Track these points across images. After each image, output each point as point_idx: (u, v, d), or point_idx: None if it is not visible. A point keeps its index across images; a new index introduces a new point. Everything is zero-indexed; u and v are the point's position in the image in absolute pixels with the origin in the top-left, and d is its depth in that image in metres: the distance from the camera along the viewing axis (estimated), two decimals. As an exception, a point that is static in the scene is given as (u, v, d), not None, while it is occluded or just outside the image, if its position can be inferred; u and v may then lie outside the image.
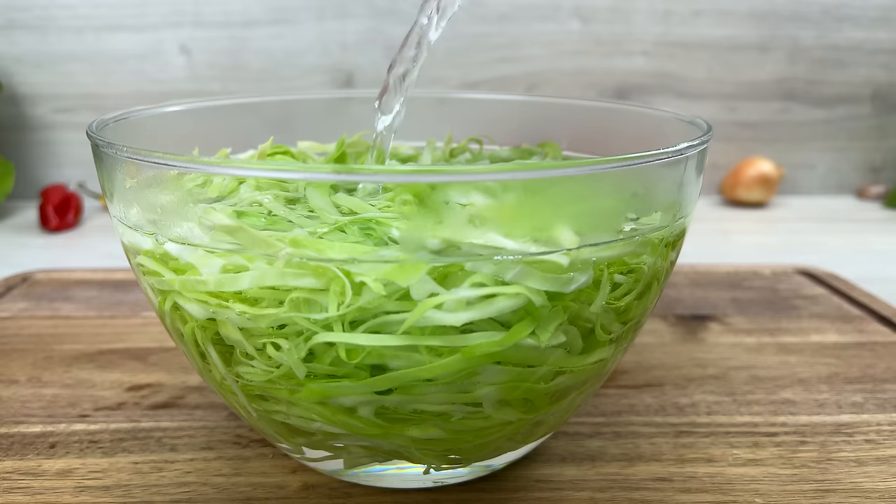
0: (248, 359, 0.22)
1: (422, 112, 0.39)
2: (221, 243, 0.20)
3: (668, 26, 0.81)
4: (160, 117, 0.30)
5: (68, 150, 0.80)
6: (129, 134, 0.29)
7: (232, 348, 0.22)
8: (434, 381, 0.20)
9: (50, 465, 0.29)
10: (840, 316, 0.45)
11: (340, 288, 0.19)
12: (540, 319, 0.20)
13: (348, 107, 0.39)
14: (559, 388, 0.22)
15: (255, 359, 0.22)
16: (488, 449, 0.24)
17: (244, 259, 0.20)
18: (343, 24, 0.79)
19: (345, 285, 0.19)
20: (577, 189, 0.20)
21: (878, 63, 0.83)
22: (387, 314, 0.20)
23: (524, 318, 0.20)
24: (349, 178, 0.19)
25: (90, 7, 0.76)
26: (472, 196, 0.19)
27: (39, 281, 0.49)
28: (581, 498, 0.27)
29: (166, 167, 0.20)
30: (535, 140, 0.36)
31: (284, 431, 0.24)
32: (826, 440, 0.31)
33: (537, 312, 0.20)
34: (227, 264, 0.20)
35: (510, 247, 0.19)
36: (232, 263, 0.20)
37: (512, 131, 0.37)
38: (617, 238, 0.21)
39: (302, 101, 0.38)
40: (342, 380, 0.21)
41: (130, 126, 0.29)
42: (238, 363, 0.22)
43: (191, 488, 0.27)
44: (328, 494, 0.27)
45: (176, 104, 0.31)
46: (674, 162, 0.22)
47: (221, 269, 0.20)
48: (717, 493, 0.27)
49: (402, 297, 0.20)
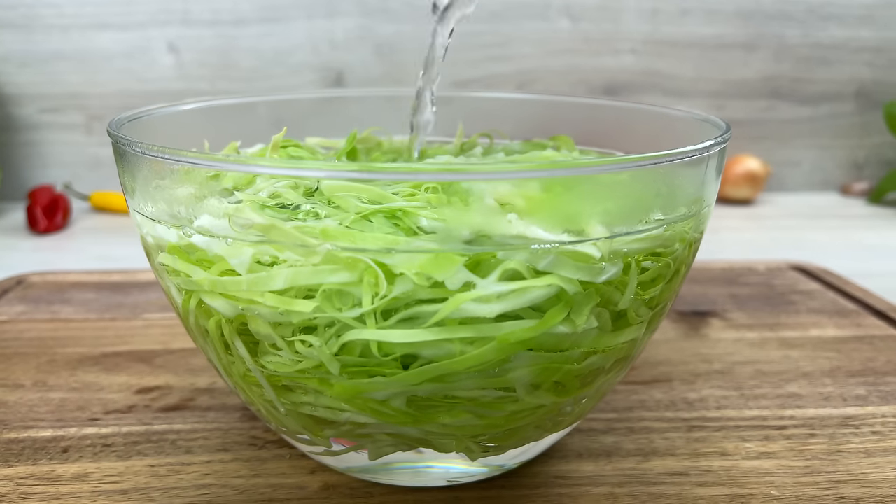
0: (276, 350, 0.22)
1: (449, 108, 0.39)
2: (250, 235, 0.20)
3: (656, 25, 0.81)
4: (173, 115, 0.30)
5: (54, 150, 0.79)
6: (137, 131, 0.29)
7: (258, 340, 0.22)
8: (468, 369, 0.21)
9: (64, 470, 0.28)
10: (837, 311, 0.45)
11: (374, 279, 0.19)
12: (573, 305, 0.20)
13: (350, 106, 0.38)
14: (590, 370, 0.23)
15: (283, 350, 0.21)
16: (516, 437, 0.24)
17: (274, 249, 0.20)
18: (333, 22, 0.79)
19: (378, 276, 0.19)
20: (608, 185, 0.20)
21: (862, 61, 0.84)
22: (419, 303, 0.20)
23: (557, 304, 0.20)
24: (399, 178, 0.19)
25: (76, 5, 0.75)
26: (499, 186, 0.19)
27: (35, 284, 0.49)
28: (601, 493, 0.27)
29: (198, 166, 0.20)
30: (544, 137, 0.36)
31: (311, 424, 0.24)
32: (834, 432, 0.32)
33: (570, 299, 0.20)
34: (256, 253, 0.20)
35: (544, 237, 0.19)
36: (261, 253, 0.20)
37: (518, 129, 0.37)
38: (646, 230, 0.21)
39: (305, 101, 0.38)
40: (375, 376, 0.21)
41: (141, 124, 0.29)
42: (265, 353, 0.22)
43: (210, 490, 0.27)
44: (349, 494, 0.27)
45: (188, 103, 0.31)
46: (697, 160, 0.22)
47: (251, 259, 0.20)
48: (734, 487, 0.28)
49: (435, 286, 0.20)
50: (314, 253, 0.20)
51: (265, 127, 0.35)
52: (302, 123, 0.38)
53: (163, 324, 0.42)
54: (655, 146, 0.33)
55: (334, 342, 0.21)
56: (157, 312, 0.44)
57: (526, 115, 0.39)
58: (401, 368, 0.21)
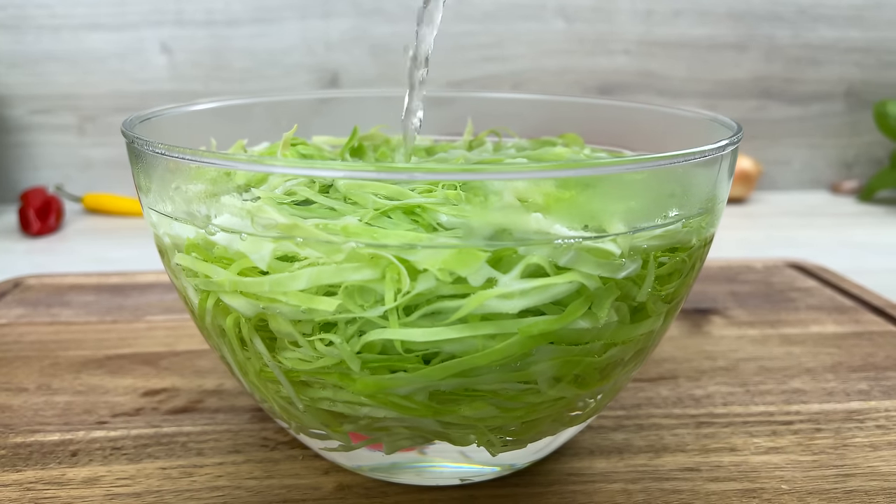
0: (295, 346, 0.22)
1: (435, 109, 0.40)
2: (272, 232, 0.20)
3: (649, 26, 0.82)
4: (183, 116, 0.30)
5: (46, 151, 0.78)
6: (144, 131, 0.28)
7: (275, 336, 0.22)
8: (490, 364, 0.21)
9: (74, 474, 0.28)
10: (835, 307, 0.46)
11: (396, 276, 0.20)
12: (594, 299, 0.20)
13: (357, 105, 0.38)
14: (610, 362, 0.23)
15: (303, 347, 0.21)
16: (535, 430, 0.24)
17: (295, 245, 0.20)
18: (327, 22, 0.78)
19: (401, 273, 0.19)
20: (629, 183, 0.20)
21: (852, 61, 0.85)
22: (441, 299, 0.20)
23: (577, 299, 0.20)
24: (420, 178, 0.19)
25: (68, 6, 0.74)
26: (520, 184, 0.20)
27: (32, 286, 0.48)
28: (614, 490, 0.27)
29: (223, 167, 0.20)
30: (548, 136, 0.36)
31: (329, 419, 0.24)
32: (840, 427, 0.32)
33: (591, 294, 0.20)
34: (276, 249, 0.20)
35: (566, 233, 0.20)
36: (282, 249, 0.20)
37: (523, 128, 0.37)
38: (664, 226, 0.21)
39: (307, 101, 0.38)
40: (396, 371, 0.21)
41: (150, 125, 0.28)
42: (283, 349, 0.22)
43: (224, 492, 0.27)
44: (364, 494, 0.27)
45: (197, 103, 0.31)
46: (713, 159, 0.22)
47: (272, 255, 0.20)
48: (745, 482, 0.28)
49: (457, 281, 0.20)
50: (338, 250, 0.20)
51: (266, 127, 0.35)
52: (301, 123, 0.38)
53: (166, 326, 0.42)
54: (662, 145, 0.34)
55: (356, 341, 0.21)
56: (160, 314, 0.44)
57: (530, 114, 0.39)
58: (422, 363, 0.21)
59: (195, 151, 0.20)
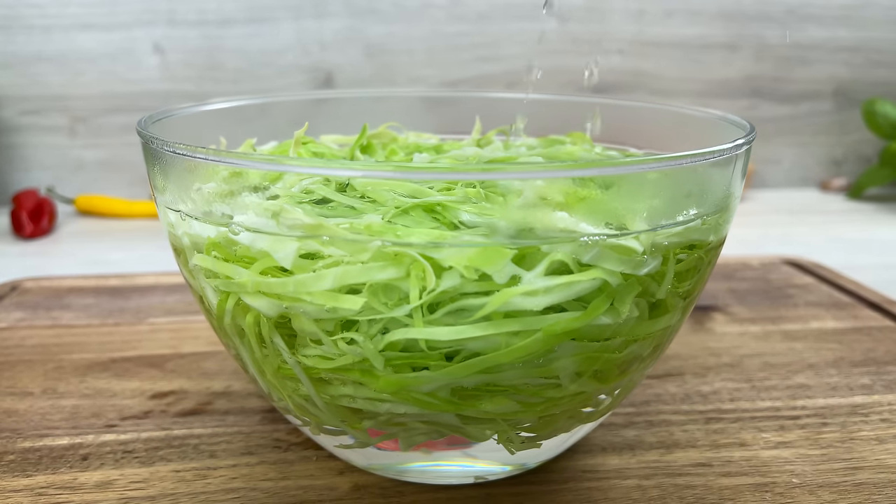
0: (317, 344, 0.22)
1: (435, 109, 0.40)
2: (295, 230, 0.20)
3: (641, 26, 0.83)
4: (195, 115, 0.30)
5: (36, 153, 0.77)
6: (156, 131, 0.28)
7: (295, 333, 0.22)
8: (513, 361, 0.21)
9: (87, 478, 0.28)
10: (833, 303, 0.47)
11: (421, 274, 0.20)
12: (616, 295, 0.21)
13: (364, 105, 0.38)
14: (629, 358, 0.23)
15: (325, 345, 0.21)
16: (552, 426, 0.24)
17: (318, 243, 0.20)
18: (321, 23, 0.78)
19: (426, 271, 0.19)
20: (652, 182, 0.21)
21: (840, 60, 0.86)
22: (465, 296, 0.20)
23: (600, 296, 0.21)
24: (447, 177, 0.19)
25: (59, 6, 0.73)
26: (541, 182, 0.20)
27: (30, 289, 0.48)
28: (629, 486, 0.28)
29: (242, 166, 0.20)
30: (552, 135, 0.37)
31: (348, 415, 0.24)
32: (845, 421, 0.32)
33: (613, 290, 0.21)
34: (300, 247, 0.20)
35: (591, 231, 0.20)
36: (306, 248, 0.20)
37: (527, 128, 0.38)
38: (685, 223, 0.22)
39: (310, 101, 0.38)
40: (419, 369, 0.21)
41: (160, 124, 0.28)
42: (303, 347, 0.22)
43: (240, 494, 0.27)
44: (380, 494, 0.27)
45: (210, 103, 0.30)
46: (730, 157, 0.23)
47: (296, 253, 0.20)
48: (757, 476, 0.28)
49: (481, 279, 0.20)
50: (364, 249, 0.20)
51: (266, 127, 0.35)
52: (299, 123, 0.38)
53: (169, 328, 0.42)
54: (668, 144, 0.34)
55: (380, 339, 0.21)
56: (162, 317, 0.43)
57: (532, 113, 0.40)
58: (444, 360, 0.21)
59: (219, 152, 0.20)
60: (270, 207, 0.20)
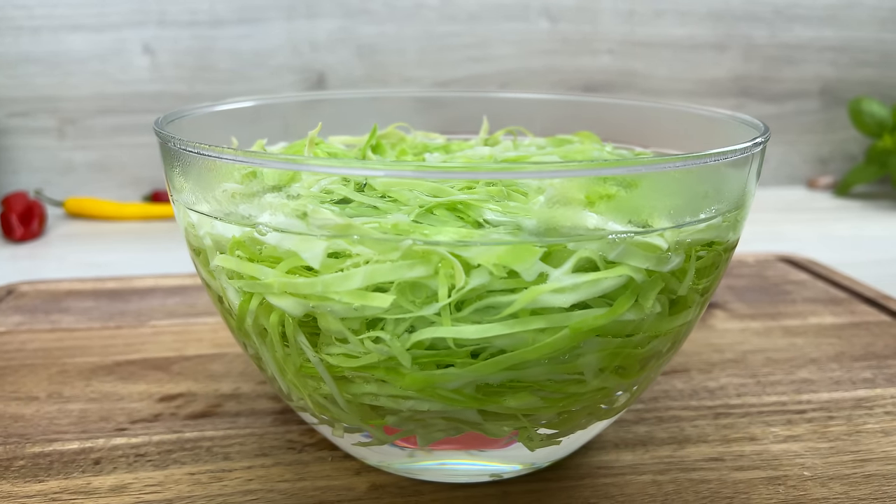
0: (343, 342, 0.22)
1: (435, 108, 0.40)
2: (324, 230, 0.20)
3: (631, 26, 0.83)
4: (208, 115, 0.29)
5: (25, 155, 0.76)
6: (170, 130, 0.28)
7: (319, 331, 0.22)
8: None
9: (100, 482, 0.28)
10: (829, 299, 0.47)
11: (450, 271, 0.20)
12: (640, 291, 0.21)
13: (371, 105, 0.38)
14: (650, 353, 0.23)
15: (350, 343, 0.21)
16: (571, 423, 0.25)
17: (346, 242, 0.20)
18: (313, 23, 0.78)
19: (455, 269, 0.20)
20: (674, 180, 0.21)
21: (826, 60, 0.88)
22: (492, 293, 0.20)
23: (624, 293, 0.21)
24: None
25: (47, 6, 0.72)
26: (564, 180, 0.20)
27: (26, 293, 0.47)
28: (644, 481, 0.28)
29: (275, 168, 0.20)
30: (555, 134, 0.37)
31: (369, 413, 0.24)
32: (850, 414, 0.33)
33: (637, 287, 0.21)
34: (329, 247, 0.20)
35: (618, 229, 0.20)
36: (334, 247, 0.20)
37: (530, 127, 0.38)
38: (706, 221, 0.22)
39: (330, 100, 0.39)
40: (445, 366, 0.21)
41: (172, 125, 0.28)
42: (327, 345, 0.22)
43: (258, 496, 0.27)
44: (399, 493, 0.27)
45: (224, 103, 0.30)
46: (748, 156, 0.23)
47: (324, 253, 0.20)
48: (769, 469, 0.29)
49: (509, 276, 0.20)
50: (394, 248, 0.20)
51: (266, 126, 0.35)
52: (298, 122, 0.38)
53: (172, 330, 0.41)
54: (676, 142, 0.34)
55: (407, 338, 0.21)
56: (164, 319, 0.43)
57: (532, 113, 0.40)
58: (470, 357, 0.21)
59: (249, 153, 0.20)
60: (299, 208, 0.20)
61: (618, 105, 0.38)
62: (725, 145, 0.22)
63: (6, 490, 0.27)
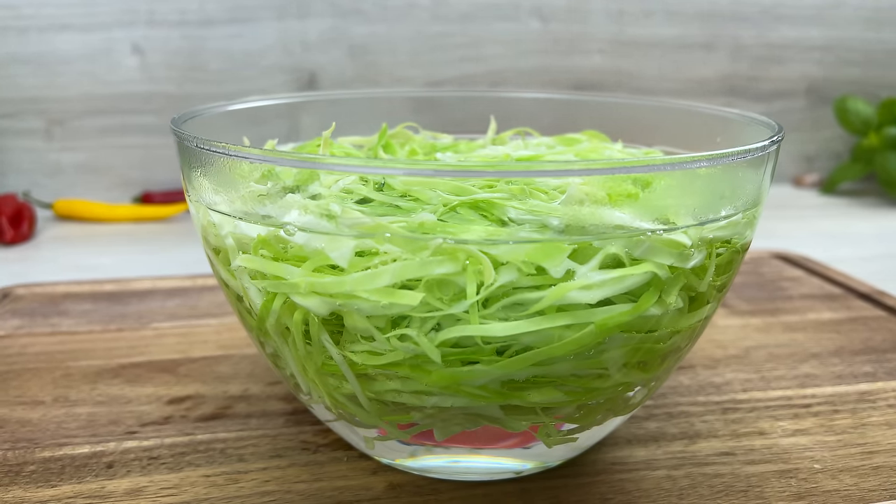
0: (368, 340, 0.22)
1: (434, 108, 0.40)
2: (354, 230, 0.20)
3: (621, 26, 0.84)
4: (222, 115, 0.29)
5: (12, 157, 0.75)
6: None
7: (342, 329, 0.22)
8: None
9: (115, 486, 0.27)
10: (825, 295, 0.48)
11: (478, 269, 0.20)
12: (663, 287, 0.21)
13: (377, 106, 0.38)
14: (671, 349, 0.24)
15: (377, 341, 0.21)
16: (590, 418, 0.25)
17: (376, 242, 0.20)
18: (305, 23, 0.78)
19: (485, 265, 0.20)
20: (698, 178, 0.21)
21: (812, 59, 0.89)
22: (519, 290, 0.20)
23: (648, 289, 0.21)
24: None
25: (34, 6, 0.71)
26: (570, 178, 0.20)
27: (22, 296, 0.46)
28: (659, 476, 0.28)
29: (304, 167, 0.20)
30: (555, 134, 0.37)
31: (391, 410, 0.24)
32: (855, 407, 0.34)
33: (660, 283, 0.21)
34: (357, 245, 0.20)
35: (645, 227, 0.20)
36: (361, 246, 0.20)
37: (531, 127, 0.38)
38: (727, 218, 0.22)
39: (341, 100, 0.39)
40: (471, 363, 0.21)
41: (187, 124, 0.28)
42: (351, 343, 0.22)
43: (275, 497, 0.27)
44: (417, 492, 0.27)
45: (235, 103, 0.30)
46: (765, 155, 0.23)
47: (352, 252, 0.20)
48: (779, 463, 0.29)
49: (537, 273, 0.20)
50: (424, 247, 0.20)
51: (267, 127, 0.35)
52: (296, 123, 0.38)
53: (175, 332, 0.41)
54: (679, 141, 0.35)
55: (434, 335, 0.21)
56: (166, 321, 0.43)
57: (533, 112, 0.40)
58: (495, 354, 0.21)
59: (279, 153, 0.20)
60: (328, 208, 0.20)
61: (618, 104, 0.39)
62: (733, 144, 0.22)
63: (18, 495, 0.27)
